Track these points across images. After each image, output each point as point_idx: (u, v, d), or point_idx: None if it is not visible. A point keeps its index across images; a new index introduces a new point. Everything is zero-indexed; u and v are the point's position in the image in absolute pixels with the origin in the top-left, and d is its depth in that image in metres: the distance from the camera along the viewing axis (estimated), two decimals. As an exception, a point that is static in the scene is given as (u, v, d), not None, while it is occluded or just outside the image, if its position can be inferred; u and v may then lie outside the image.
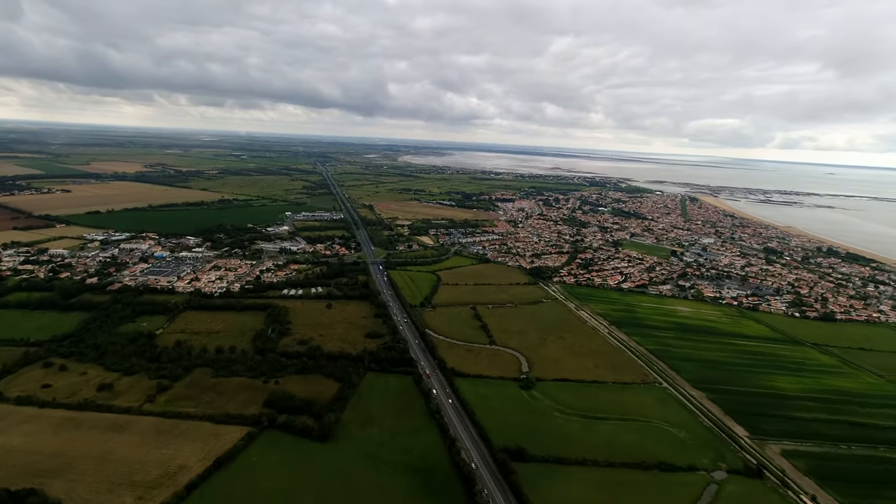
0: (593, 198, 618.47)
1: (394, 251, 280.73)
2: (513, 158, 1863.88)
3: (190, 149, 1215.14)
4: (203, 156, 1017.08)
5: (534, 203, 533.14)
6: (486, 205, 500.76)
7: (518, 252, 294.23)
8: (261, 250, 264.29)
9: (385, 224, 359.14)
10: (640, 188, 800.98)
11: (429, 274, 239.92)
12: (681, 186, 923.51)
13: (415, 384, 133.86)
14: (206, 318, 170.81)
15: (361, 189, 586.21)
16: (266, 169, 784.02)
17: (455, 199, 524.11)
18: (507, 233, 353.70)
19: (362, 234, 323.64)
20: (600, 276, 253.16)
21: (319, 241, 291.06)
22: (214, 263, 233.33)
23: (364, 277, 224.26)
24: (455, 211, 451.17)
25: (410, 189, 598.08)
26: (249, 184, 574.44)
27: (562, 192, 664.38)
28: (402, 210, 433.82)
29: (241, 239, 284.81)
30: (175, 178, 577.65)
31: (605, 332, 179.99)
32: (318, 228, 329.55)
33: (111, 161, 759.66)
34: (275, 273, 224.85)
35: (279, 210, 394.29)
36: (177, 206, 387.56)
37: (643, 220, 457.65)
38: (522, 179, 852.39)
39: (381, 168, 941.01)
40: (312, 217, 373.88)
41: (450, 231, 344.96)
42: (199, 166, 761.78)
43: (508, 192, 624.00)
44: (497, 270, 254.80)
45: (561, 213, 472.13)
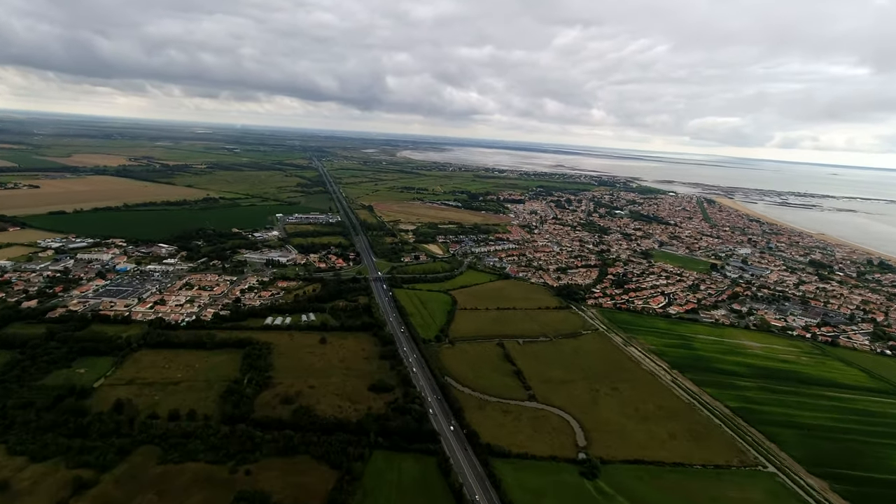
0: (606, 199, 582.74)
1: (398, 263, 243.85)
2: (513, 155, 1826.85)
3: (181, 141, 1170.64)
4: (194, 149, 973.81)
5: (545, 205, 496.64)
6: (495, 206, 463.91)
7: (541, 265, 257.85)
8: (244, 262, 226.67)
9: (387, 229, 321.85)
10: (651, 188, 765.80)
11: (441, 294, 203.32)
12: (691, 187, 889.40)
13: (440, 473, 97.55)
14: (165, 359, 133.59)
15: (360, 187, 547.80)
16: (259, 164, 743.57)
17: (461, 200, 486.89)
18: (524, 241, 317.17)
19: (362, 241, 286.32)
20: (640, 297, 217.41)
21: (313, 250, 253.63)
22: (187, 280, 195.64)
23: (366, 299, 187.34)
24: (462, 213, 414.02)
25: (412, 187, 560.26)
26: (240, 180, 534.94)
27: (571, 192, 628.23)
28: (404, 212, 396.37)
29: (222, 247, 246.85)
30: (159, 173, 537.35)
31: (668, 380, 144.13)
32: (313, 234, 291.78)
33: (94, 153, 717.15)
34: (258, 293, 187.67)
35: (269, 211, 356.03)
36: (155, 206, 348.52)
37: (666, 225, 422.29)
38: (528, 178, 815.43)
39: (380, 164, 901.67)
40: (306, 220, 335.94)
41: (460, 238, 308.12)
42: (187, 160, 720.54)
43: (516, 191, 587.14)
44: (520, 289, 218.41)
45: (576, 216, 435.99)
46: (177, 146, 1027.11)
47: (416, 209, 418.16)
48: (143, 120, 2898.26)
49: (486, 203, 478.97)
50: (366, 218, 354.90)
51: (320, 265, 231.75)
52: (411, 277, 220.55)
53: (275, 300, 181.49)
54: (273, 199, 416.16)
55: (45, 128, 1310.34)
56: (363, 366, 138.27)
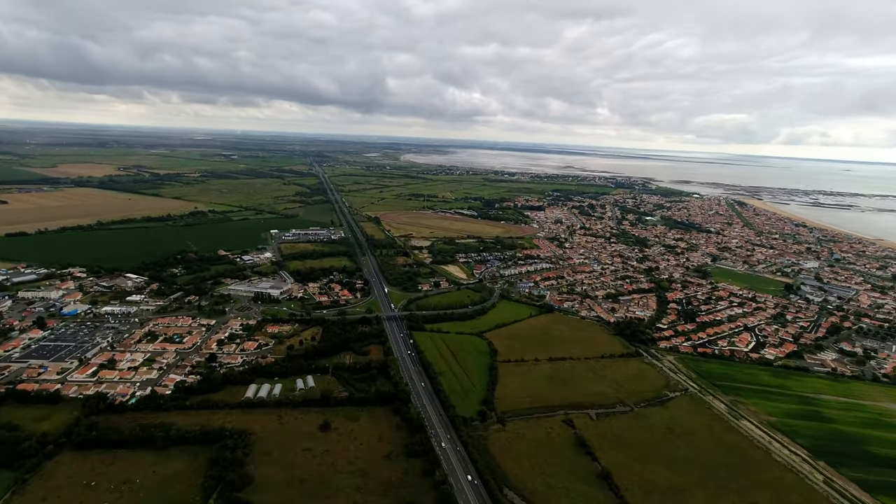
0: (629, 203, 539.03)
1: (416, 293, 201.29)
2: (519, 156, 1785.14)
3: (177, 148, 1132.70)
4: (189, 156, 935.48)
5: (567, 212, 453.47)
6: (514, 215, 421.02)
7: (586, 291, 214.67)
8: (227, 297, 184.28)
9: (398, 246, 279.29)
10: (671, 190, 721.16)
11: (474, 338, 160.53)
12: (711, 187, 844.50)
13: None
14: (93, 471, 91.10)
15: (364, 195, 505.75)
16: (257, 171, 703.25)
17: (475, 208, 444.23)
18: (557, 257, 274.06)
19: (370, 262, 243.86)
20: (720, 334, 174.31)
21: (312, 278, 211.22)
22: (149, 328, 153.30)
23: (379, 352, 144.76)
24: (480, 224, 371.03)
25: (420, 194, 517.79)
26: (234, 189, 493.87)
27: (590, 195, 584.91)
28: (415, 224, 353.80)
29: (202, 277, 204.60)
30: (147, 184, 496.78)
31: (819, 481, 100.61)
32: (312, 255, 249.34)
33: (82, 163, 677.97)
34: (241, 344, 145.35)
35: (263, 226, 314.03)
36: (133, 223, 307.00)
37: (707, 233, 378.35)
38: (540, 181, 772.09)
39: (384, 169, 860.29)
40: (305, 236, 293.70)
41: (484, 257, 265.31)
42: (181, 168, 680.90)
43: (533, 197, 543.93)
44: (571, 327, 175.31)
45: (605, 225, 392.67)
46: (172, 154, 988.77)
47: (428, 220, 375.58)
48: (142, 127, 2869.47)
49: (503, 211, 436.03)
50: (373, 233, 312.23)
51: (321, 298, 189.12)
52: (434, 314, 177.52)
53: (261, 355, 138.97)
54: (269, 212, 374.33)
55: (38, 137, 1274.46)
56: (383, 471, 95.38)
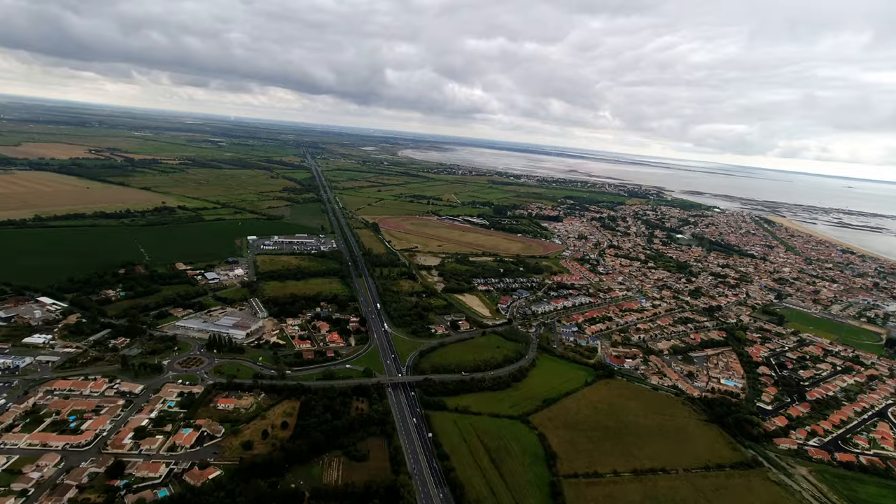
0: (650, 215, 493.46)
1: (428, 338, 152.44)
2: (520, 157, 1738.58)
3: (163, 132, 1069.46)
4: (174, 141, 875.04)
5: (588, 224, 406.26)
6: (530, 226, 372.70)
7: (646, 343, 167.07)
8: (171, 342, 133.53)
9: (401, 264, 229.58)
10: (689, 202, 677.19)
11: (517, 424, 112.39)
12: (726, 200, 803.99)
13: None
14: None
15: (360, 194, 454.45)
16: (243, 160, 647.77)
17: (485, 215, 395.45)
18: (593, 286, 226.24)
19: (368, 287, 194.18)
20: (842, 418, 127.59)
21: (292, 311, 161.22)
22: (38, 397, 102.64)
23: (383, 453, 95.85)
24: (495, 237, 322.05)
25: (423, 196, 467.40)
26: (215, 180, 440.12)
27: (606, 204, 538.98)
28: (420, 234, 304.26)
29: (144, 305, 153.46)
30: (116, 170, 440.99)
31: None
32: (295, 273, 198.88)
33: (51, 143, 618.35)
34: (171, 438, 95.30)
35: (240, 230, 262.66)
36: (81, 220, 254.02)
37: (749, 257, 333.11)
38: (549, 185, 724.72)
39: (381, 164, 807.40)
40: (288, 246, 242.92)
41: (506, 283, 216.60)
42: (160, 153, 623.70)
43: (546, 205, 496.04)
44: (645, 406, 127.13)
45: (634, 242, 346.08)
46: (156, 137, 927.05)
47: (435, 229, 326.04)
48: (132, 108, 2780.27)
49: (517, 221, 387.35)
50: (371, 244, 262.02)
51: (302, 346, 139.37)
52: (457, 381, 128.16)
53: (200, 462, 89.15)
54: (249, 211, 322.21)
55: (16, 112, 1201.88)
56: None
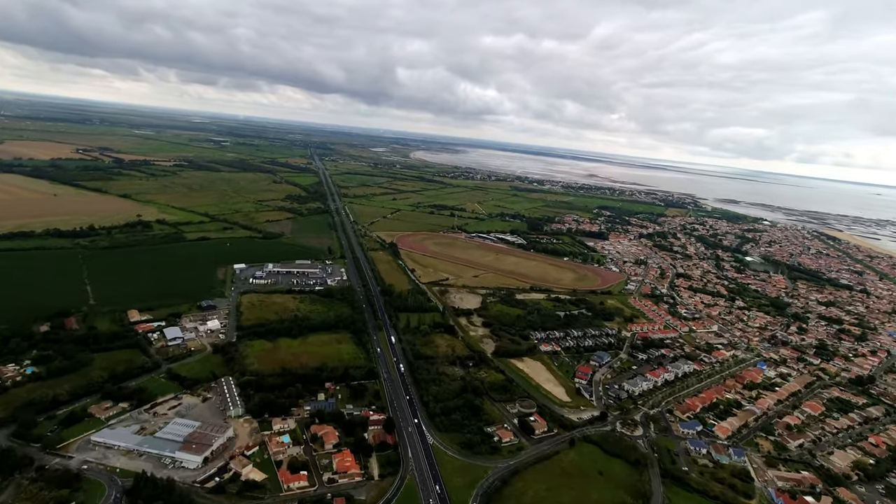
0: (699, 230, 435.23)
1: (490, 458, 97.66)
2: (534, 160, 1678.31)
3: (165, 130, 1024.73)
4: (176, 140, 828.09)
5: (638, 244, 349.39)
6: (573, 245, 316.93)
7: (817, 459, 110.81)
8: (73, 482, 79.07)
9: (433, 308, 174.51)
10: (732, 213, 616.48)
11: None
12: (763, 209, 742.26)
13: None
14: None
15: (373, 203, 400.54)
16: (246, 162, 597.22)
17: (519, 231, 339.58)
18: (687, 341, 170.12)
19: (392, 350, 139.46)
20: None
21: (281, 405, 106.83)
22: None
23: None
24: (537, 261, 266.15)
25: (444, 206, 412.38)
26: (210, 185, 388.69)
27: (645, 216, 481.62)
28: (449, 258, 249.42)
29: (52, 398, 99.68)
30: (100, 172, 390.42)
31: None
32: (291, 328, 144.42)
33: (39, 141, 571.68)
34: None
35: (226, 256, 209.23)
36: (28, 239, 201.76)
37: (845, 288, 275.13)
38: (575, 192, 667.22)
39: (394, 167, 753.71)
40: (285, 279, 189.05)
41: (574, 337, 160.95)
42: (156, 154, 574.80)
43: (582, 217, 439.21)
44: None
45: (702, 268, 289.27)
46: (157, 136, 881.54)
47: (464, 250, 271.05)
48: (140, 106, 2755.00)
49: (556, 239, 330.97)
50: (391, 276, 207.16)
51: (294, 483, 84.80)
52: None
53: None
54: (243, 226, 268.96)
55: (21, 109, 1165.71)
56: None
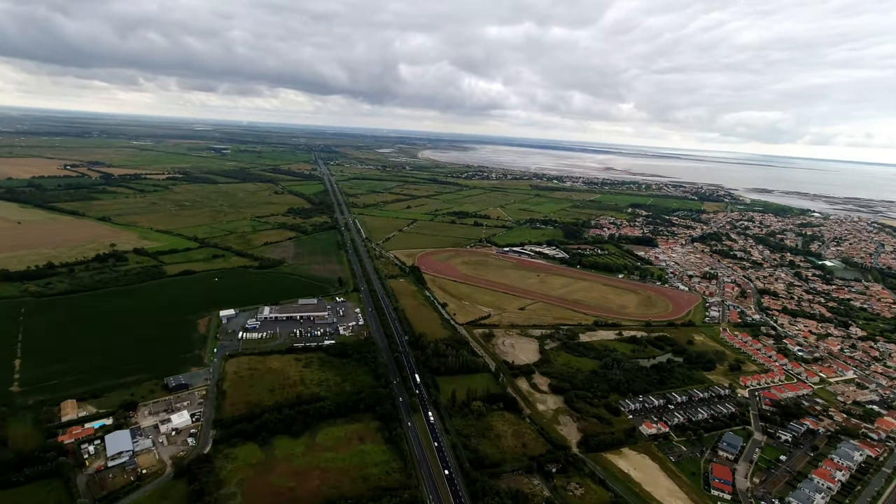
0: (751, 227, 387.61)
1: None
2: (544, 154, 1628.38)
3: (165, 140, 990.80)
4: (175, 150, 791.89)
5: (691, 247, 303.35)
6: (620, 255, 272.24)
7: None
8: None
9: (481, 367, 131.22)
10: (775, 206, 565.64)
11: None
12: (800, 197, 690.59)
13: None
14: None
15: (386, 213, 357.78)
16: (246, 171, 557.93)
17: (555, 240, 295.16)
18: (831, 402, 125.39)
19: (435, 448, 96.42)
20: None
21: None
22: None
23: None
24: (590, 281, 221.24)
25: (464, 213, 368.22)
26: (204, 201, 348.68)
27: (685, 213, 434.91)
28: (486, 284, 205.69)
29: None
30: (82, 191, 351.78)
31: None
32: (292, 420, 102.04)
33: (27, 158, 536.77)
34: None
35: (213, 294, 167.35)
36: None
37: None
38: (600, 189, 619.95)
39: (404, 169, 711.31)
40: (286, 326, 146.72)
41: (682, 410, 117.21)
42: (150, 166, 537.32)
43: (618, 218, 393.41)
44: None
45: (781, 278, 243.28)
46: (155, 146, 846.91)
47: (500, 270, 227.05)
48: (144, 116, 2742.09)
49: (601, 249, 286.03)
50: (418, 316, 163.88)
51: None
52: None
53: None
54: (237, 252, 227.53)
55: (17, 125, 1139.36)
56: None
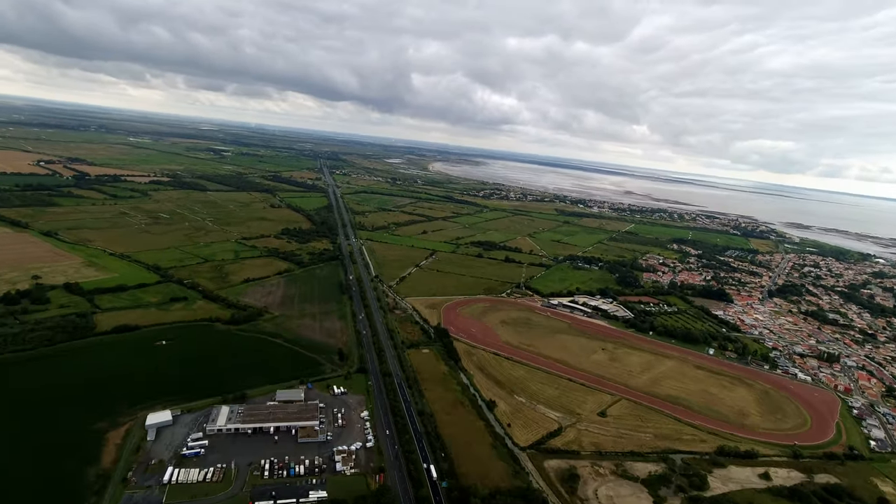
0: (824, 275, 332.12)
1: None
2: (557, 173, 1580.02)
3: (164, 138, 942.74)
4: (171, 149, 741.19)
5: (774, 306, 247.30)
6: (698, 317, 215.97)
7: None
8: None
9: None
10: (831, 247, 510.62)
11: None
12: (839, 235, 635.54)
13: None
14: None
15: (400, 240, 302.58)
16: (244, 178, 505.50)
17: (607, 286, 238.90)
18: None
19: None
20: None
21: None
22: None
23: None
24: (677, 361, 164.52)
25: (491, 244, 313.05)
26: (184, 213, 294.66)
27: (739, 253, 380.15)
28: (540, 364, 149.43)
29: None
30: (42, 193, 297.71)
31: None
32: None
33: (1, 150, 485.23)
34: None
35: (147, 380, 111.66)
36: None
37: None
38: (631, 217, 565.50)
39: (415, 182, 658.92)
40: (247, 449, 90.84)
41: None
42: (137, 166, 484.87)
43: (668, 257, 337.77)
44: None
45: None
46: (152, 144, 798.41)
47: (553, 338, 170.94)
48: (152, 113, 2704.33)
49: (669, 305, 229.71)
50: (457, 433, 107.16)
51: None
52: None
53: None
54: (205, 293, 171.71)
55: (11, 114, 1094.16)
56: None
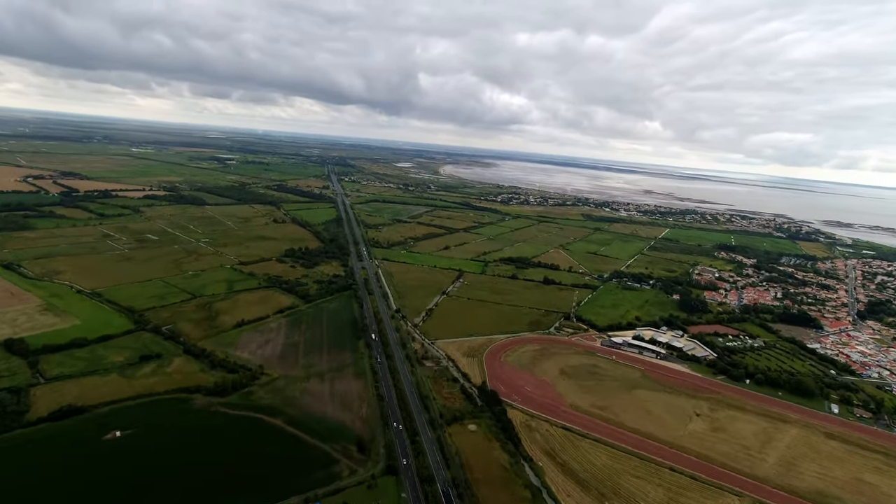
0: None
1: None
2: (570, 173, 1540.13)
3: (168, 147, 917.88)
4: (174, 159, 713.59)
5: (873, 332, 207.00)
6: (794, 354, 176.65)
7: None
8: None
9: None
10: (883, 247, 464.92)
11: None
12: (887, 233, 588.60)
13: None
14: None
15: (420, 259, 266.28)
16: (247, 188, 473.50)
17: (672, 314, 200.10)
18: None
19: None
20: None
21: None
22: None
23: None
24: (809, 435, 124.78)
25: (524, 260, 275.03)
26: (181, 229, 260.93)
27: (796, 261, 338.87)
28: (621, 438, 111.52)
29: None
30: (19, 214, 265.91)
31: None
32: None
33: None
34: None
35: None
36: None
37: None
38: (663, 221, 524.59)
39: (428, 188, 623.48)
40: None
41: None
42: (134, 179, 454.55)
43: (721, 269, 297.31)
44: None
45: None
46: (156, 154, 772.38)
47: (629, 395, 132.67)
48: (159, 122, 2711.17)
49: (752, 338, 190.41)
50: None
51: None
52: None
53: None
54: (185, 346, 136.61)
55: (17, 126, 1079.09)
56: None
